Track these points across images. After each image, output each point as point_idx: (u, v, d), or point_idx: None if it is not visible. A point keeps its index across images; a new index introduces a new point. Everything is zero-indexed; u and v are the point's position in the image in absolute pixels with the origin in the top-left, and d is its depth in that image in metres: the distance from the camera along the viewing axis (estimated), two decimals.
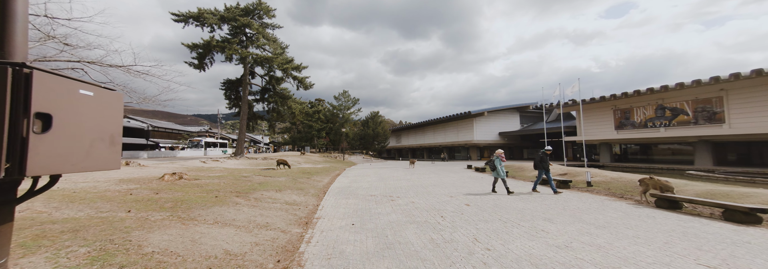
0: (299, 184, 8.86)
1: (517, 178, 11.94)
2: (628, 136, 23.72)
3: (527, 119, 35.28)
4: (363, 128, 41.43)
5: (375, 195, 7.49)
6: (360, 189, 8.64)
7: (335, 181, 11.13)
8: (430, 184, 9.90)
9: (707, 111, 19.99)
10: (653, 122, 22.55)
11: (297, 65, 21.48)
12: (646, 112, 23.09)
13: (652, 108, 22.65)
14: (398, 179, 11.50)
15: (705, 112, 20.13)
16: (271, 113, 22.71)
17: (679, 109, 21.30)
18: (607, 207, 5.78)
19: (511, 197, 6.99)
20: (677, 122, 21.36)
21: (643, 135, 22.84)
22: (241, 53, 18.78)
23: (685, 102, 20.95)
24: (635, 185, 8.41)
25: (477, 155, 33.46)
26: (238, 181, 7.67)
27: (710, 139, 20.05)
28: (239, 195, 5.78)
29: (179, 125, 42.97)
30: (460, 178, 12.00)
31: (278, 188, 7.19)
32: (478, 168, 16.16)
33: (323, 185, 9.73)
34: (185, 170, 10.34)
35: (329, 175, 13.62)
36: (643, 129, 23.04)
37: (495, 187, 7.81)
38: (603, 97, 24.37)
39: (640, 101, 23.13)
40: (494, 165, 7.56)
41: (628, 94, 22.83)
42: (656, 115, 22.42)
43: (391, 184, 9.97)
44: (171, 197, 4.88)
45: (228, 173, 9.57)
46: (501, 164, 7.57)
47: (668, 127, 21.70)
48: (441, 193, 7.81)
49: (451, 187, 9.05)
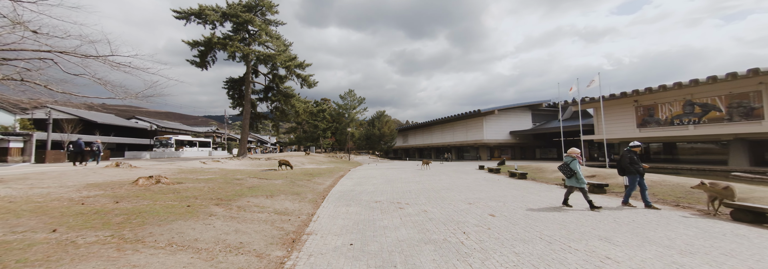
0: (296, 188, 7.91)
1: (538, 180, 10.71)
2: (652, 134, 21.97)
3: (540, 117, 33.63)
4: (369, 127, 40.49)
5: (381, 201, 6.45)
6: (364, 194, 7.62)
7: (338, 184, 10.15)
8: (442, 187, 8.81)
9: (743, 107, 18.16)
10: (681, 119, 20.78)
11: (300, 63, 20.66)
12: (672, 108, 21.32)
13: (680, 104, 20.88)
14: (406, 182, 10.44)
15: (741, 108, 18.30)
16: (274, 112, 21.98)
17: (710, 105, 19.49)
18: (671, 221, 4.59)
19: (543, 206, 5.84)
20: (708, 119, 19.55)
21: (669, 133, 21.07)
22: (243, 50, 18.07)
23: (718, 97, 19.15)
24: (685, 191, 7.12)
25: (487, 155, 32.03)
26: (226, 185, 6.75)
27: (747, 137, 18.20)
28: (220, 203, 4.84)
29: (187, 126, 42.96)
30: (473, 180, 10.85)
31: (270, 194, 6.23)
32: (491, 169, 14.93)
33: (324, 188, 8.76)
34: (177, 171, 9.55)
35: (332, 177, 12.67)
36: (669, 127, 21.27)
37: (568, 199, 5.70)
38: (624, 93, 22.68)
39: (665, 96, 21.37)
40: (569, 170, 5.49)
41: (652, 89, 21.11)
42: (684, 111, 20.64)
43: (399, 187, 8.92)
44: (130, 207, 3.97)
45: (220, 176, 8.70)
46: (579, 168, 5.50)
47: (698, 124, 19.91)
48: (456, 199, 6.72)
49: (467, 191, 7.94)
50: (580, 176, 5.46)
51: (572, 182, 5.56)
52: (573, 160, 5.56)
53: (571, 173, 5.52)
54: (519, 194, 7.40)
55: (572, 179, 5.55)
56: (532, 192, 7.68)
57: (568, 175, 5.58)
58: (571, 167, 5.51)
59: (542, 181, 10.45)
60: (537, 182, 10.08)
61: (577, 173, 5.45)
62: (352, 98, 38.70)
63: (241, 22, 18.65)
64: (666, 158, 24.87)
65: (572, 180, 5.55)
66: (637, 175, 5.65)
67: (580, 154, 5.70)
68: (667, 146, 25.80)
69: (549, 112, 34.00)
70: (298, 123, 33.46)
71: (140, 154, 20.18)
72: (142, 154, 20.32)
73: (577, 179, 5.48)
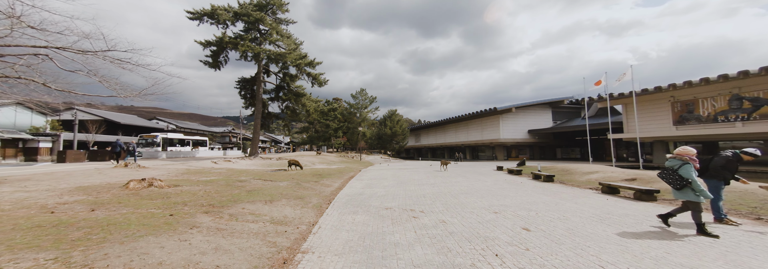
0: (301, 190, 7.30)
1: (568, 183, 9.56)
2: (692, 132, 19.82)
3: (561, 115, 31.62)
4: (381, 127, 39.80)
5: (392, 208, 5.69)
6: (374, 198, 6.89)
7: (346, 186, 9.49)
8: (460, 191, 7.92)
9: None
10: (726, 115, 18.56)
11: (311, 61, 20.25)
12: (715, 103, 19.11)
13: (725, 99, 18.65)
14: (420, 184, 9.61)
15: None
16: (285, 111, 21.73)
17: (762, 99, 17.23)
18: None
19: (586, 217, 4.86)
20: (760, 114, 17.30)
21: (712, 131, 18.89)
22: (254, 50, 17.85)
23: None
24: (759, 199, 5.87)
25: (503, 155, 30.47)
26: (226, 188, 6.22)
27: None
28: (210, 211, 4.26)
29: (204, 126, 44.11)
30: (494, 183, 9.86)
31: (270, 198, 5.63)
32: (511, 170, 13.79)
33: (331, 191, 8.11)
34: (183, 172, 9.23)
35: (341, 178, 12.04)
36: (711, 124, 19.08)
37: (671, 218, 4.21)
38: (659, 87, 20.61)
39: (707, 90, 19.19)
40: (678, 178, 3.87)
41: (692, 83, 19.00)
42: (730, 107, 18.41)
43: (412, 190, 8.12)
44: (101, 218, 3.43)
45: (224, 177, 8.25)
46: (695, 175, 3.83)
47: (747, 121, 17.68)
48: (478, 206, 5.84)
49: (489, 196, 7.02)
50: (700, 188, 3.72)
51: (687, 196, 3.86)
52: (685, 165, 3.87)
53: (683, 184, 3.84)
54: (551, 200, 6.41)
55: (686, 192, 3.87)
56: (566, 198, 6.65)
57: (677, 185, 3.90)
58: (681, 175, 3.84)
59: (572, 185, 9.31)
60: (567, 186, 8.96)
61: (693, 182, 3.76)
62: (364, 97, 38.14)
63: (252, 20, 18.44)
64: None
65: (686, 193, 3.87)
66: (722, 182, 4.39)
67: (695, 155, 4.04)
68: (706, 146, 23.33)
69: (571, 109, 31.90)
70: (310, 123, 33.31)
71: (157, 154, 20.56)
72: (158, 154, 20.69)
73: (695, 192, 3.77)
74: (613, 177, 9.90)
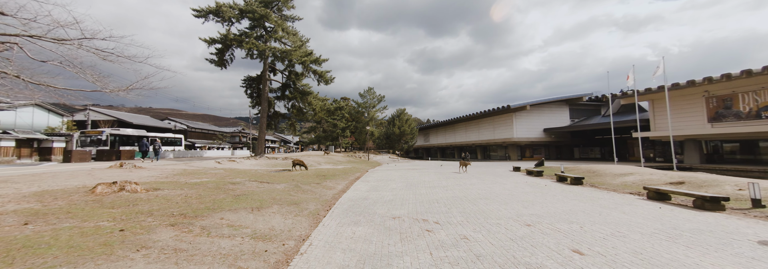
0: (299, 194, 6.46)
1: (600, 187, 8.34)
2: (730, 130, 17.87)
3: (579, 112, 29.76)
4: (389, 126, 38.86)
5: (400, 217, 4.76)
6: (379, 204, 5.97)
7: (351, 188, 8.61)
8: (478, 195, 6.89)
9: None
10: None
11: (316, 58, 19.57)
12: (758, 98, 17.12)
13: (767, 93, 16.69)
14: (431, 187, 8.62)
15: None
16: (291, 110, 21.14)
17: None
18: None
19: (650, 232, 3.76)
20: None
21: (756, 129, 16.91)
22: (259, 47, 17.30)
23: None
24: None
25: (517, 155, 28.92)
26: (212, 192, 5.45)
27: None
28: (178, 222, 3.45)
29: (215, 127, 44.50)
30: (514, 185, 8.75)
31: (259, 205, 4.80)
32: (530, 171, 12.56)
33: (333, 194, 7.24)
34: (178, 173, 8.59)
35: (347, 179, 11.19)
36: (753, 121, 17.10)
37: None
38: (692, 81, 18.73)
39: (748, 84, 17.23)
40: None
41: (731, 76, 17.10)
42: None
43: (423, 194, 7.15)
44: (23, 236, 2.68)
45: (217, 179, 7.52)
46: None
47: None
48: (504, 215, 4.82)
49: (514, 202, 5.96)
50: None
51: None
52: None
53: None
54: (591, 209, 5.30)
55: None
56: (608, 206, 5.52)
57: None
58: None
59: (607, 188, 8.08)
60: (601, 190, 7.75)
61: None
62: (372, 96, 37.31)
63: (257, 17, 17.90)
64: (745, 159, 20.36)
65: None
66: None
67: None
68: (745, 145, 21.16)
69: (590, 107, 29.97)
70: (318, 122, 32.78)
71: (164, 153, 20.43)
72: (165, 154, 20.55)
73: None
74: (654, 180, 8.60)
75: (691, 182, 7.60)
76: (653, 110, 21.78)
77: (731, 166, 17.84)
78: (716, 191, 6.55)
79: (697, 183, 7.44)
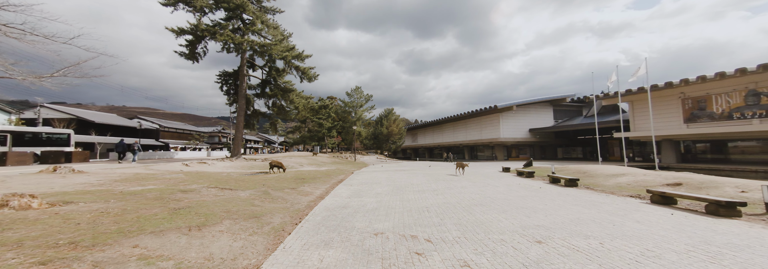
0: (264, 204, 5.40)
1: (596, 189, 7.83)
2: (704, 130, 18.40)
3: (562, 113, 30.17)
4: (377, 126, 37.95)
5: (383, 233, 3.85)
6: (360, 214, 5.04)
7: (331, 193, 7.62)
8: (473, 201, 6.11)
9: None
10: (742, 112, 17.17)
11: (299, 53, 18.33)
12: (730, 100, 17.71)
13: (740, 95, 17.26)
14: (420, 191, 7.79)
15: None
16: (272, 108, 19.74)
17: None
18: None
19: (684, 249, 3.07)
20: None
21: (727, 129, 17.48)
22: (235, 40, 15.86)
23: None
24: None
25: (503, 155, 28.86)
26: (147, 204, 4.29)
27: None
28: (60, 257, 2.37)
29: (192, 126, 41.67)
30: (508, 188, 8.09)
31: (202, 221, 3.72)
32: (520, 172, 12.06)
33: (308, 202, 6.22)
34: (128, 177, 7.24)
35: (328, 182, 10.16)
36: (726, 122, 17.67)
37: None
38: (669, 83, 19.17)
39: (721, 86, 17.80)
40: None
41: (706, 78, 17.60)
42: (747, 103, 17.02)
43: (411, 200, 6.29)
44: None
45: (168, 186, 6.29)
46: None
47: (765, 118, 16.30)
48: (507, 227, 4.04)
49: (513, 210, 5.22)
50: None
51: None
52: None
53: None
54: (599, 217, 4.63)
55: None
56: (616, 213, 4.89)
57: None
58: None
59: (602, 190, 7.57)
60: (598, 193, 7.21)
61: None
62: (359, 95, 36.27)
63: (233, 7, 16.45)
64: (716, 159, 21.13)
65: None
66: None
67: None
68: (714, 145, 22.01)
69: (572, 108, 30.49)
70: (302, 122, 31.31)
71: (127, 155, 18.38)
72: (129, 155, 18.51)
73: None
74: (649, 181, 8.21)
75: (689, 184, 7.22)
76: (633, 111, 22.23)
77: (704, 165, 18.36)
78: (718, 194, 6.14)
79: (694, 185, 7.06)
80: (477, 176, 11.61)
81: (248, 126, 21.07)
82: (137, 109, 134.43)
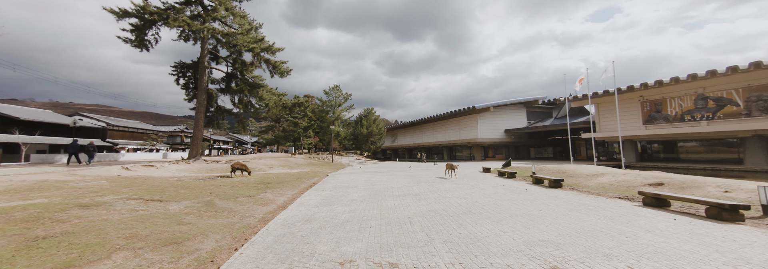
0: (199, 220, 4.11)
1: (581, 190, 7.46)
2: (660, 131, 19.70)
3: (534, 115, 31.20)
4: (356, 126, 36.68)
5: (352, 262, 2.82)
6: (326, 230, 3.96)
7: (297, 200, 6.42)
8: (460, 209, 5.30)
9: (764, 100, 16.06)
10: (692, 114, 18.57)
11: (269, 46, 16.65)
12: (682, 103, 19.11)
13: (691, 99, 18.68)
14: (401, 196, 6.86)
15: (761, 101, 16.18)
16: (238, 105, 17.77)
17: (726, 99, 17.34)
18: None
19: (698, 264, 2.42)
20: (723, 114, 17.40)
21: (679, 130, 18.82)
22: (193, 26, 13.87)
23: (735, 90, 17.01)
24: None
25: (481, 155, 29.11)
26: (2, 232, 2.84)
27: (767, 134, 16.13)
28: None
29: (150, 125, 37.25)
30: (493, 191, 7.45)
31: (65, 262, 2.41)
32: (501, 172, 11.68)
33: (263, 214, 5.00)
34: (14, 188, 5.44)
35: (298, 186, 8.89)
36: (678, 124, 19.03)
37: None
38: (631, 87, 20.29)
39: (675, 90, 19.14)
40: None
41: (662, 82, 18.79)
42: (696, 106, 18.44)
43: (391, 209, 5.33)
44: None
45: (64, 199, 4.71)
46: None
47: (712, 120, 17.72)
48: (509, 245, 3.21)
49: (507, 217, 4.46)
50: None
51: None
52: None
53: None
54: (602, 225, 4.00)
55: None
56: (618, 219, 4.32)
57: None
58: None
59: (588, 191, 7.20)
60: (585, 194, 6.80)
61: None
62: (338, 93, 34.81)
63: None
64: (668, 157, 22.82)
65: None
66: None
67: None
68: (666, 145, 23.86)
69: (543, 109, 31.67)
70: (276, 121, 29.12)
71: (53, 157, 15.39)
72: (55, 157, 15.52)
73: None
74: (630, 181, 8.03)
75: (671, 184, 7.05)
76: (598, 112, 23.36)
77: (660, 164, 19.65)
78: (703, 194, 5.93)
79: (676, 185, 6.89)
80: (460, 178, 10.97)
81: (211, 124, 18.86)
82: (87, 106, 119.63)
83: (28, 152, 19.71)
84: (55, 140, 21.02)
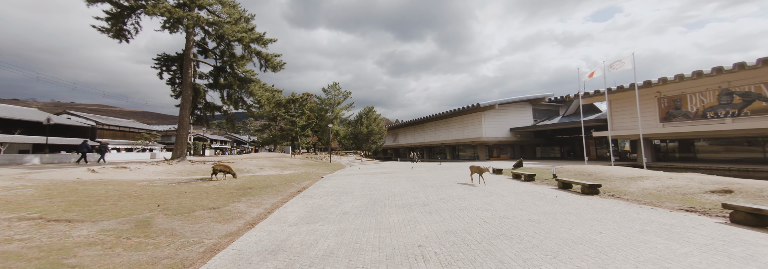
0: (89, 262, 2.65)
1: (624, 198, 5.98)
2: (679, 129, 18.17)
3: (541, 113, 29.68)
4: (356, 125, 35.22)
5: None
6: (303, 262, 2.49)
7: (275, 212, 4.97)
8: (489, 230, 3.83)
9: None
10: (715, 111, 17.04)
11: (259, 36, 15.20)
12: (704, 99, 17.58)
13: (714, 94, 17.15)
14: (406, 206, 5.40)
15: None
16: (226, 101, 16.34)
17: (754, 94, 15.80)
18: None
19: None
20: (751, 110, 15.89)
21: (701, 128, 17.29)
22: (175, 14, 12.45)
23: (765, 85, 15.50)
24: None
25: (485, 155, 27.61)
26: None
27: None
28: None
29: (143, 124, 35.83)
30: (517, 199, 5.99)
31: None
32: (516, 175, 10.21)
33: (216, 239, 3.55)
34: None
35: (283, 192, 7.45)
36: (700, 121, 17.51)
37: None
38: (648, 82, 18.76)
39: (696, 85, 17.62)
40: None
41: (683, 77, 17.28)
42: (720, 102, 16.91)
43: (393, 227, 3.87)
44: None
45: None
46: None
47: (738, 117, 16.19)
48: None
49: (565, 248, 2.99)
50: None
51: None
52: None
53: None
54: (714, 261, 2.52)
55: None
56: (731, 253, 2.85)
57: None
58: None
59: (636, 200, 5.72)
60: (636, 205, 5.32)
61: None
62: (337, 91, 33.37)
63: None
64: (685, 157, 21.28)
65: None
66: None
67: None
68: (682, 144, 22.32)
69: (550, 107, 30.16)
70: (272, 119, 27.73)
71: (22, 157, 14.00)
72: (24, 157, 14.12)
73: None
74: (682, 187, 6.54)
75: (743, 191, 5.56)
76: (611, 110, 21.85)
77: (680, 164, 18.12)
78: None
79: (753, 193, 5.40)
80: (473, 181, 9.50)
81: (200, 122, 17.43)
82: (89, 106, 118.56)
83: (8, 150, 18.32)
84: (37, 140, 19.61)
